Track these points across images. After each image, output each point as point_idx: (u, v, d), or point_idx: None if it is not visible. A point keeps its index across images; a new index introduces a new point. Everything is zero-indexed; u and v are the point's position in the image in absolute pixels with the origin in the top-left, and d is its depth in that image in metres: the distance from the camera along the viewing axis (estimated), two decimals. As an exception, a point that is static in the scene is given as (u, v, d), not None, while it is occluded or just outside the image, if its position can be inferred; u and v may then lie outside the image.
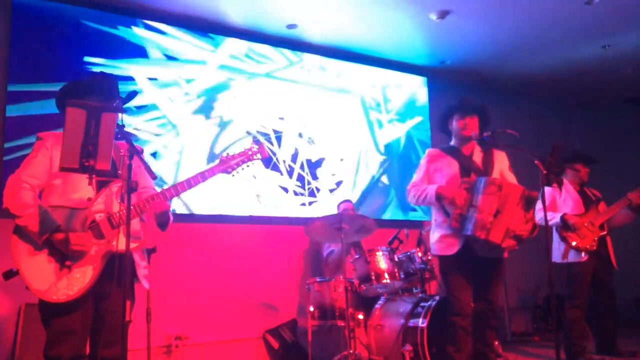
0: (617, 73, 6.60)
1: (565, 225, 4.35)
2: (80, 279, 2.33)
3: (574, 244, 4.34)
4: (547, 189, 4.29)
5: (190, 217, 4.66)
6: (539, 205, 4.41)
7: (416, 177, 3.54)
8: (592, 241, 4.32)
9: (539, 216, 4.06)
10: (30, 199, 2.34)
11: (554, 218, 4.38)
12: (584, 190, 4.58)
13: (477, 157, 3.49)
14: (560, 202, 4.51)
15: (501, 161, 3.57)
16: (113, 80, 2.57)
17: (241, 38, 5.21)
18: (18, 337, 3.72)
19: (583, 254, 4.33)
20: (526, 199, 3.22)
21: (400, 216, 5.89)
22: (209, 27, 5.05)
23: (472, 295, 3.39)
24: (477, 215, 3.16)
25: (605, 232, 4.40)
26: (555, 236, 4.46)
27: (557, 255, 4.43)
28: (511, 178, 3.52)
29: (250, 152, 2.68)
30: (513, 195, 3.21)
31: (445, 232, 3.35)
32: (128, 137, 2.35)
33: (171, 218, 2.62)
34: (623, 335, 4.64)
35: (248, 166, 2.69)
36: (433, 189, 3.32)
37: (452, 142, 3.56)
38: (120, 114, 2.29)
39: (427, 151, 3.63)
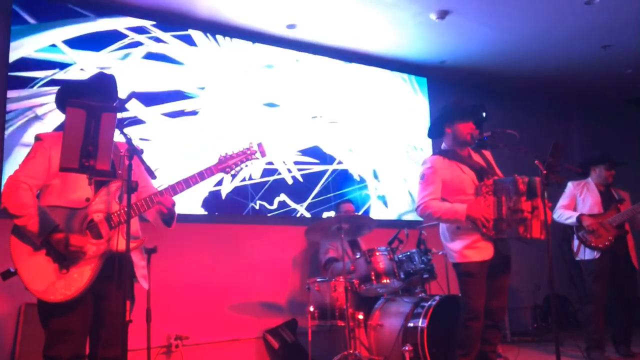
0: (617, 73, 6.60)
1: (581, 226, 4.46)
2: (78, 278, 2.32)
3: (586, 240, 4.45)
4: (568, 188, 4.62)
5: (190, 217, 4.65)
6: (560, 203, 4.58)
7: (427, 190, 3.33)
8: (606, 240, 4.39)
9: (556, 214, 4.39)
10: (28, 199, 2.33)
11: (571, 217, 4.51)
12: (609, 191, 4.64)
13: (477, 158, 3.47)
14: (579, 200, 4.62)
15: (492, 158, 3.57)
16: (112, 80, 2.59)
17: (241, 38, 5.21)
18: (18, 337, 3.72)
19: (595, 252, 4.42)
20: (545, 189, 3.23)
21: (400, 216, 5.89)
22: (209, 27, 5.05)
23: None
24: (517, 216, 3.12)
25: (622, 232, 4.44)
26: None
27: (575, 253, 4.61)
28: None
29: (249, 152, 2.69)
30: (538, 188, 3.23)
31: (477, 237, 3.24)
32: (128, 137, 2.35)
33: (176, 214, 2.63)
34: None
35: (247, 166, 2.69)
36: (462, 212, 3.18)
37: (448, 146, 3.47)
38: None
39: (429, 160, 3.43)
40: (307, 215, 5.30)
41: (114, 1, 4.60)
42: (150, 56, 4.78)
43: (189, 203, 4.66)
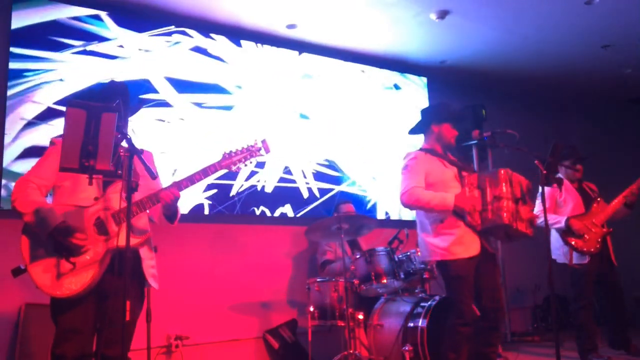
0: (617, 73, 6.60)
1: (569, 230, 4.33)
2: (84, 274, 2.38)
3: (577, 246, 4.32)
4: (547, 189, 4.34)
5: (190, 217, 4.65)
6: (540, 207, 4.42)
7: (411, 179, 3.31)
8: (595, 243, 4.32)
9: (542, 218, 4.17)
10: (36, 197, 2.42)
11: (559, 222, 4.35)
12: (582, 187, 4.57)
13: (452, 157, 3.53)
14: (560, 202, 4.49)
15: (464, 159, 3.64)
16: (125, 88, 2.65)
17: (240, 38, 5.21)
18: (18, 337, 3.72)
19: (587, 256, 4.32)
20: (529, 189, 3.28)
21: (400, 216, 5.89)
22: (209, 27, 5.05)
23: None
24: (502, 204, 3.12)
25: (607, 231, 4.39)
26: (555, 235, 4.45)
27: (557, 254, 4.44)
28: None
29: (253, 149, 2.71)
30: (522, 183, 3.27)
31: (463, 232, 3.23)
32: (128, 137, 2.38)
33: (179, 211, 2.68)
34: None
35: (251, 162, 2.71)
36: (451, 201, 3.18)
37: (429, 145, 3.50)
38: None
39: (413, 154, 3.44)
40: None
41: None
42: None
43: (188, 202, 4.66)
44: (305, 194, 5.30)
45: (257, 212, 5.00)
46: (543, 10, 5.01)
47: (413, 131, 3.64)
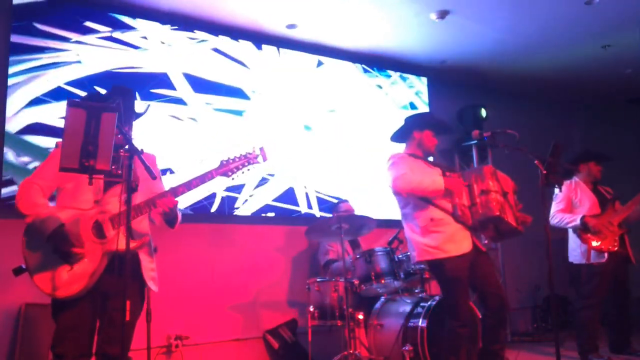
0: (617, 73, 6.60)
1: (585, 228, 4.34)
2: (82, 276, 2.39)
3: (595, 244, 4.32)
4: (563, 190, 4.39)
5: (190, 217, 4.65)
6: (556, 207, 4.47)
7: (400, 169, 3.31)
8: (613, 241, 4.33)
9: (555, 219, 4.19)
10: (38, 199, 2.44)
11: (574, 220, 4.37)
12: (598, 189, 4.59)
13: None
14: (576, 202, 4.50)
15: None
16: (132, 93, 2.67)
17: (240, 38, 5.21)
18: (18, 337, 3.72)
19: (606, 254, 4.33)
20: (515, 190, 3.32)
21: (399, 216, 5.87)
22: (208, 27, 5.05)
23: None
24: (491, 197, 3.14)
25: (624, 231, 4.41)
26: (573, 237, 4.46)
27: (574, 256, 4.44)
28: None
29: (250, 156, 2.72)
30: (508, 182, 3.32)
31: (454, 230, 3.22)
32: (127, 137, 2.39)
33: (179, 215, 2.69)
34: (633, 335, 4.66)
35: (249, 170, 2.73)
36: (441, 182, 3.21)
37: (411, 151, 3.52)
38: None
39: (399, 154, 3.47)
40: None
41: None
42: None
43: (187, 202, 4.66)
44: (303, 210, 5.27)
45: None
46: (543, 10, 5.01)
47: (394, 137, 3.66)
